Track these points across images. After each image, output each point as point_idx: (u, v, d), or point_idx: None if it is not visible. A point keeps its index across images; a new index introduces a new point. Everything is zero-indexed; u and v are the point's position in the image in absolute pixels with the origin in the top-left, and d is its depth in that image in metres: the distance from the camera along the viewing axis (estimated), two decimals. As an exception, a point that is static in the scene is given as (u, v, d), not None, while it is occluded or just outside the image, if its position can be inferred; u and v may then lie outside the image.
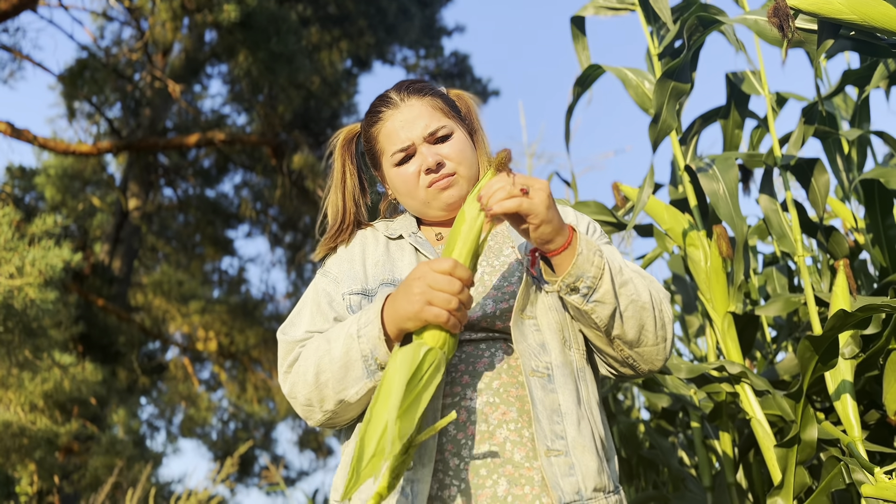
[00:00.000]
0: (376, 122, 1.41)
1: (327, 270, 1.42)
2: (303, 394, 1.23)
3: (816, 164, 2.21)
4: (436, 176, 1.35)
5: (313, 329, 1.31)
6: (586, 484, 1.16)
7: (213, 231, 9.72)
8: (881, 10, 1.48)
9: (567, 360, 1.24)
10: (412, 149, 1.36)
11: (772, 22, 1.56)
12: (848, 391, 1.82)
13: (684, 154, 2.43)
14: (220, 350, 9.67)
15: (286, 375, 1.29)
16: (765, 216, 2.09)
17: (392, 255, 1.38)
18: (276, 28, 5.60)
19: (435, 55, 12.55)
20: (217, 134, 7.67)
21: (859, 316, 1.49)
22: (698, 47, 1.97)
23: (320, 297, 1.36)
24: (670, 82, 1.83)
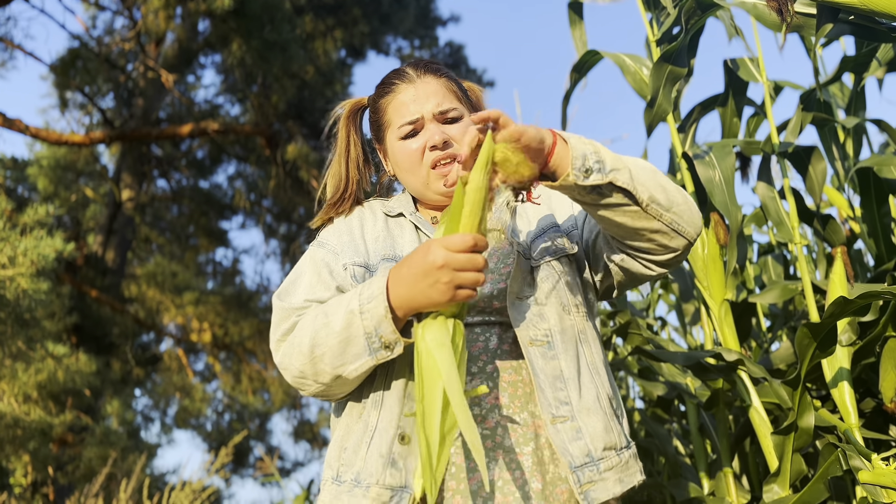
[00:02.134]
0: (388, 93, 1.39)
1: (324, 242, 1.39)
2: (296, 365, 1.21)
3: (814, 151, 2.21)
4: (440, 154, 1.33)
5: (312, 297, 1.27)
6: (595, 445, 1.17)
7: (206, 222, 9.68)
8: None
9: (566, 326, 1.25)
10: (420, 123, 1.35)
11: (771, 6, 1.54)
12: (845, 378, 1.82)
13: (682, 142, 2.41)
14: (215, 341, 9.65)
15: (279, 344, 1.26)
16: (762, 204, 2.08)
17: (392, 232, 1.37)
18: (270, 16, 5.55)
19: (430, 45, 12.50)
20: (211, 124, 7.62)
21: (859, 303, 1.49)
22: (696, 32, 1.96)
23: (319, 266, 1.33)
24: (667, 66, 1.82)
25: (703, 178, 1.98)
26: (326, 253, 1.36)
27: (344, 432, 1.24)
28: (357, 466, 1.18)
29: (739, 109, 2.39)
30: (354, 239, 1.36)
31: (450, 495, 1.13)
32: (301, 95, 7.77)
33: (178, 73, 9.91)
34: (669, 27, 2.20)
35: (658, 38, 2.26)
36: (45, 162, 9.89)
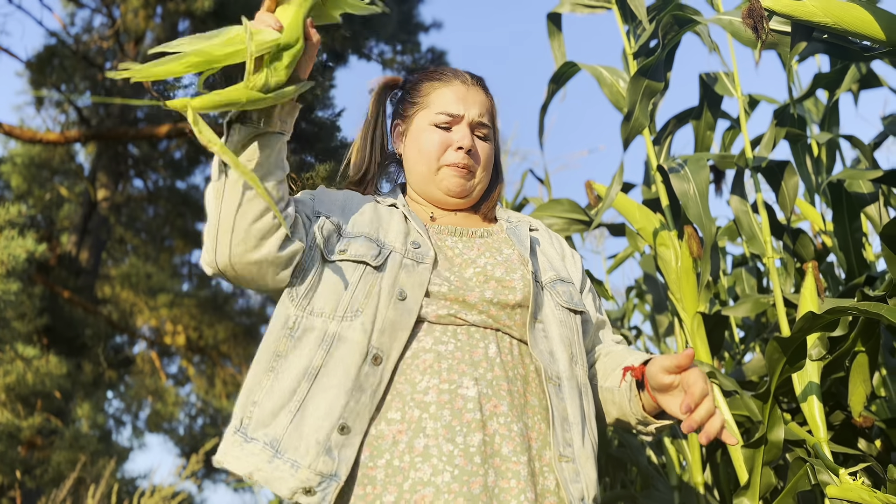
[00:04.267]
0: (438, 79, 1.40)
1: (311, 192, 1.37)
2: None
3: (787, 166, 2.23)
4: (462, 158, 1.35)
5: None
6: (589, 492, 1.20)
7: (182, 223, 9.58)
8: (854, 14, 1.49)
9: (573, 375, 1.27)
10: (458, 121, 1.36)
11: (746, 23, 1.56)
12: (814, 392, 1.84)
13: (658, 154, 2.43)
14: (189, 344, 9.53)
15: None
16: (735, 217, 2.10)
17: (380, 215, 1.34)
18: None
19: (412, 51, 12.47)
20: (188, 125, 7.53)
21: (827, 318, 1.50)
22: (673, 46, 1.97)
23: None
24: (643, 80, 1.83)
25: (678, 192, 2.00)
26: (307, 196, 1.34)
27: (255, 382, 1.18)
28: (274, 432, 1.14)
29: (713, 123, 2.41)
30: (344, 204, 1.34)
31: (451, 497, 1.12)
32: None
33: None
34: (647, 40, 2.22)
35: (635, 51, 2.28)
36: (18, 159, 9.73)
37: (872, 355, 1.90)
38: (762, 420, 1.72)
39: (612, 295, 4.14)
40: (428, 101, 1.39)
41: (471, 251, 1.31)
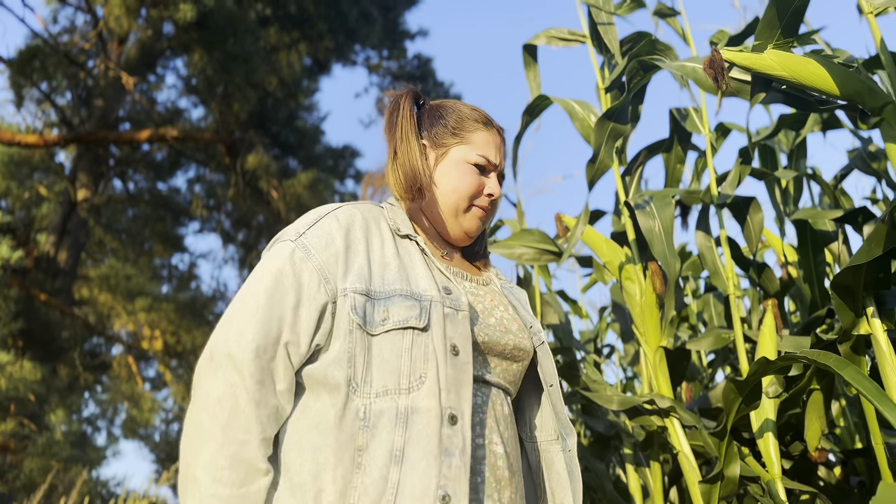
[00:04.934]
0: (480, 120, 1.39)
1: (309, 246, 1.16)
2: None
3: (752, 202, 2.28)
4: (487, 204, 1.37)
5: (264, 341, 1.09)
6: None
7: (163, 227, 9.53)
8: (810, 69, 1.54)
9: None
10: (491, 169, 1.38)
11: (707, 73, 1.60)
12: (770, 430, 1.89)
13: (629, 184, 2.48)
14: (166, 349, 9.47)
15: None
16: (700, 253, 2.15)
17: (403, 260, 1.22)
18: (234, 29, 5.51)
19: (398, 57, 12.53)
20: (170, 130, 7.51)
21: (780, 364, 1.55)
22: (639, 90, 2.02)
23: (285, 282, 1.12)
24: (609, 123, 1.87)
25: (644, 228, 2.04)
26: (315, 265, 1.14)
27: (345, 484, 1.06)
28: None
29: (683, 156, 2.46)
30: (357, 256, 1.17)
31: None
32: (264, 105, 7.72)
33: (141, 73, 9.76)
34: (619, 75, 2.26)
35: (607, 86, 2.33)
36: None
37: (827, 393, 1.95)
38: (719, 457, 1.76)
39: (587, 313, 4.19)
40: (470, 139, 1.37)
41: (484, 300, 1.30)
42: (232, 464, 1.04)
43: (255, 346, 1.08)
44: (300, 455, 1.08)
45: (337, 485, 1.05)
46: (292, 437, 1.11)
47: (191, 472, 1.06)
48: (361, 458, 1.07)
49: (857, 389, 1.36)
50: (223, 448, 1.04)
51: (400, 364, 1.12)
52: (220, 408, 1.06)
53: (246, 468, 1.05)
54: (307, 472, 1.06)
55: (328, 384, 1.10)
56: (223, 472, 1.04)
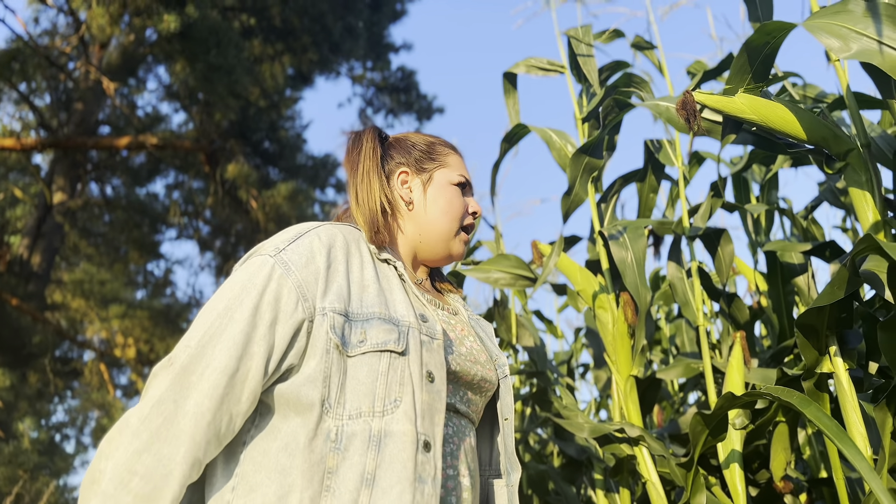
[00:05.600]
0: (444, 144, 1.40)
1: (289, 262, 1.12)
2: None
3: (723, 234, 2.33)
4: (472, 223, 1.38)
5: (230, 365, 1.03)
6: None
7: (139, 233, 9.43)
8: (778, 114, 1.59)
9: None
10: (469, 189, 1.40)
11: (680, 114, 1.64)
12: (736, 460, 1.92)
13: (604, 211, 2.52)
14: (139, 357, 9.37)
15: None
16: (671, 283, 2.19)
17: (382, 283, 1.21)
18: (217, 40, 5.51)
19: (382, 68, 12.57)
20: (149, 138, 7.47)
21: (745, 399, 1.59)
22: (613, 126, 2.06)
23: (263, 307, 1.08)
24: (584, 157, 1.91)
25: (617, 259, 2.07)
26: (294, 282, 1.11)
27: (294, 486, 1.03)
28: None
29: (657, 186, 2.50)
30: (335, 272, 1.15)
31: None
32: (245, 115, 7.70)
33: (122, 78, 9.69)
34: (596, 105, 2.31)
35: (584, 116, 2.37)
36: (-29, 159, 9.49)
37: (792, 425, 1.99)
38: (685, 487, 1.80)
39: (562, 332, 4.23)
40: (447, 162, 1.38)
41: (455, 328, 1.30)
42: (147, 474, 0.96)
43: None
44: (267, 476, 1.04)
45: None
46: (257, 457, 1.06)
47: (99, 466, 0.98)
48: (331, 480, 1.04)
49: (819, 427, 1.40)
50: (143, 455, 0.97)
51: (375, 387, 1.10)
52: (157, 412, 0.99)
53: (160, 486, 0.97)
54: (273, 494, 1.02)
55: (300, 404, 1.06)
56: (133, 479, 0.96)
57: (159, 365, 1.05)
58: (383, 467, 1.05)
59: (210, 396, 1.01)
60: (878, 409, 1.44)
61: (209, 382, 1.01)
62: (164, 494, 0.97)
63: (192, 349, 1.03)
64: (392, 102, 12.65)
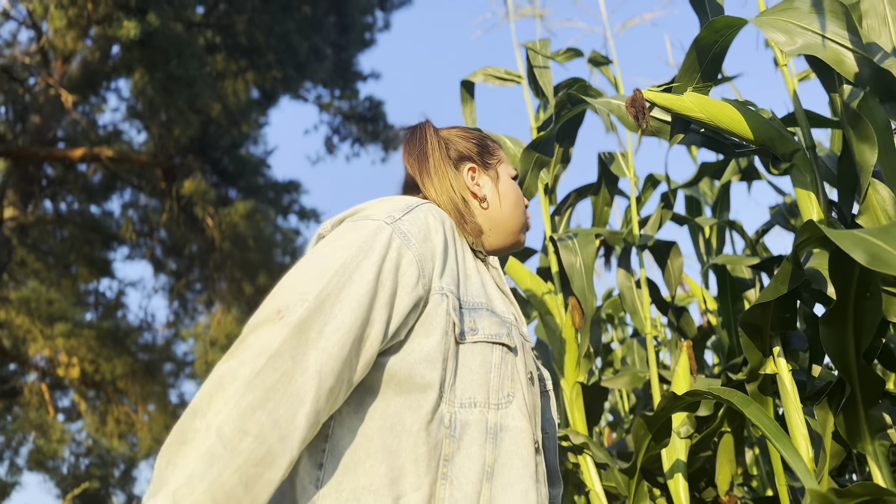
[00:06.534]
0: (492, 141, 1.38)
1: (408, 233, 1.04)
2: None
3: (673, 247, 2.33)
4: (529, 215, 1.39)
5: (347, 340, 0.92)
6: None
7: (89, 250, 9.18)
8: (726, 113, 1.59)
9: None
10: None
11: (629, 111, 1.64)
12: (680, 470, 1.88)
13: (558, 224, 2.50)
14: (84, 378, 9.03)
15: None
16: (620, 292, 2.17)
17: (482, 276, 1.17)
18: (178, 51, 5.44)
19: (350, 97, 12.60)
20: (105, 150, 7.31)
21: (687, 399, 1.55)
22: (575, 121, 2.05)
23: (385, 275, 0.99)
24: (534, 154, 1.89)
25: (566, 263, 2.05)
26: (414, 256, 1.03)
27: (406, 470, 0.96)
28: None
29: (610, 199, 2.50)
30: (449, 254, 1.09)
31: None
32: (206, 132, 7.60)
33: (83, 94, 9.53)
34: (551, 115, 2.30)
35: (539, 125, 2.37)
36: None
37: (738, 435, 1.97)
38: (628, 496, 1.75)
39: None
40: (501, 156, 1.37)
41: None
42: (261, 435, 0.83)
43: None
44: (369, 456, 0.96)
45: (421, 493, 0.95)
46: (351, 435, 0.97)
47: (193, 425, 0.83)
48: (447, 469, 0.98)
49: (758, 427, 1.37)
50: (256, 413, 0.83)
51: (489, 378, 1.05)
52: (272, 366, 0.86)
53: (276, 451, 0.84)
54: (383, 476, 0.94)
55: (412, 383, 0.99)
56: (246, 440, 0.82)
57: (262, 316, 0.92)
58: (501, 462, 1.01)
59: (335, 357, 0.91)
60: (818, 409, 1.42)
61: (334, 342, 0.91)
62: (279, 461, 0.84)
63: (310, 303, 0.92)
64: (359, 131, 12.67)
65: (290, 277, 0.98)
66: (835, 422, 1.42)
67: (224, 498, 0.80)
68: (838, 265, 1.25)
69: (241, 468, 0.81)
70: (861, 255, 1.05)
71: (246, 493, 0.81)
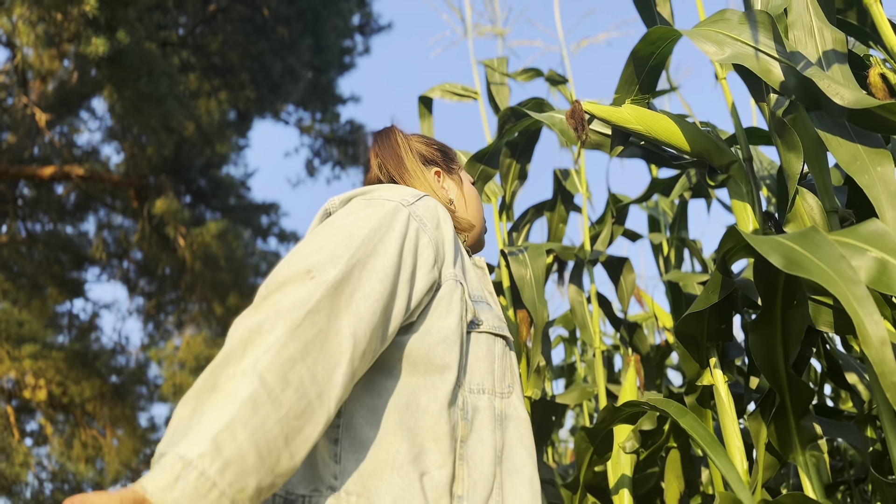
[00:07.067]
0: (450, 148, 1.42)
1: (423, 218, 1.06)
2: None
3: (625, 262, 2.33)
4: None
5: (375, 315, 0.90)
6: None
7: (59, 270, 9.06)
8: (663, 125, 1.60)
9: None
10: None
11: (569, 123, 1.64)
12: (626, 486, 1.86)
13: (515, 240, 2.50)
14: (51, 400, 8.86)
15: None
16: (571, 306, 2.16)
17: (477, 271, 1.22)
18: (149, 69, 5.44)
19: (330, 120, 12.63)
20: (75, 169, 7.25)
21: (626, 411, 1.54)
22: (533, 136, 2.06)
23: (406, 253, 0.99)
24: (479, 165, 1.89)
25: (516, 276, 2.04)
26: (430, 240, 1.04)
27: (426, 448, 0.95)
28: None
29: (566, 216, 2.50)
30: (455, 245, 1.11)
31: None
32: (180, 151, 7.57)
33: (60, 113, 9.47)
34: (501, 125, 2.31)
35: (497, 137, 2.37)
36: None
37: (685, 451, 1.95)
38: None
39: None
40: (460, 162, 1.42)
41: None
42: (301, 388, 0.79)
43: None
44: (388, 434, 0.95)
45: (445, 471, 0.95)
46: (364, 412, 0.96)
47: (227, 372, 0.77)
48: (463, 450, 0.99)
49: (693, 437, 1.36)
50: (297, 365, 0.80)
51: (494, 367, 1.08)
52: (311, 322, 0.82)
53: (315, 408, 0.80)
54: (405, 453, 0.94)
55: (430, 363, 0.99)
56: (288, 391, 0.78)
57: (288, 275, 0.88)
58: (507, 448, 1.03)
59: (367, 322, 0.88)
60: (751, 419, 1.41)
61: (365, 308, 0.89)
62: (317, 416, 0.81)
63: (342, 266, 0.90)
64: (340, 154, 12.68)
65: (311, 244, 0.95)
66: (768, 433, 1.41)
67: (266, 449, 0.75)
68: (762, 272, 1.25)
69: (282, 419, 0.77)
70: (778, 259, 1.05)
71: (286, 447, 0.77)
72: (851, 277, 0.96)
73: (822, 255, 1.01)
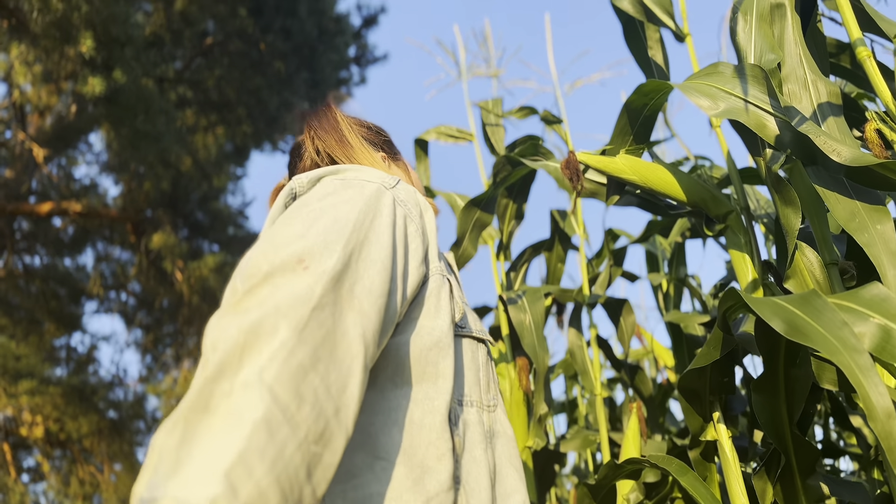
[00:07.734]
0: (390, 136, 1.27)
1: (407, 203, 0.91)
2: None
3: (625, 304, 2.31)
4: None
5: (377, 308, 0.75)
6: None
7: (56, 305, 9.02)
8: (658, 175, 1.59)
9: None
10: None
11: (564, 173, 1.63)
12: (631, 538, 1.82)
13: (514, 280, 2.48)
14: (48, 437, 8.77)
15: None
16: (570, 351, 2.14)
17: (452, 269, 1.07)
18: (146, 107, 5.46)
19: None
20: (73, 205, 7.26)
21: (628, 468, 1.51)
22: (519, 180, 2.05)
23: (398, 241, 0.84)
24: (476, 211, 1.88)
25: (515, 322, 2.02)
26: (413, 226, 0.90)
27: (428, 467, 0.81)
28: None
29: (564, 256, 2.49)
30: (435, 238, 0.96)
31: None
32: (177, 185, 7.59)
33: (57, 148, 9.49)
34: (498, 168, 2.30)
35: (491, 184, 2.36)
36: None
37: (689, 503, 1.91)
38: (575, 567, 1.69)
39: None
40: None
41: None
42: (317, 404, 0.62)
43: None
44: (384, 457, 0.80)
45: (452, 494, 0.81)
46: (356, 434, 0.80)
47: (222, 387, 0.59)
48: (459, 472, 0.84)
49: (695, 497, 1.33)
50: (309, 375, 0.63)
51: (479, 377, 0.94)
52: (316, 321, 0.66)
53: (333, 429, 0.64)
54: (402, 479, 0.79)
55: (423, 371, 0.83)
56: (304, 408, 0.61)
57: (275, 263, 0.71)
58: (498, 468, 0.91)
59: (375, 322, 0.74)
60: (757, 478, 1.38)
61: (369, 305, 0.74)
62: (336, 441, 0.64)
63: (339, 255, 0.74)
64: (336, 182, 12.68)
65: (289, 228, 0.78)
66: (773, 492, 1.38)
67: (289, 485, 0.57)
68: (764, 333, 1.23)
69: (302, 445, 0.59)
70: (779, 325, 1.03)
71: (308, 482, 0.59)
72: (855, 346, 0.94)
73: (823, 322, 0.99)
